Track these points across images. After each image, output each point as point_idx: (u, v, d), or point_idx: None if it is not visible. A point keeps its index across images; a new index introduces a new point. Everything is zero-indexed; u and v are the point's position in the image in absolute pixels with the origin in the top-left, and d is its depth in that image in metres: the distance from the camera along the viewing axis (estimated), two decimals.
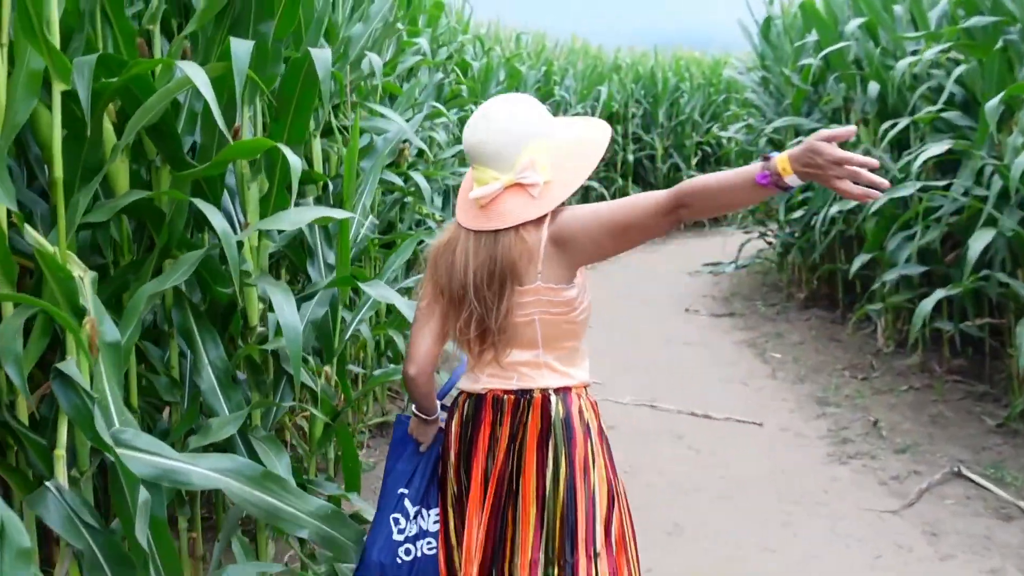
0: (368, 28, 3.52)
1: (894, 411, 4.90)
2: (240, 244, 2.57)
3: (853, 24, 5.92)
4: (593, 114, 12.26)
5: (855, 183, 1.56)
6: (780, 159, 1.59)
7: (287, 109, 2.50)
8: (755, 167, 1.63)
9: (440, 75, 6.27)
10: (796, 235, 7.56)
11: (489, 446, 1.87)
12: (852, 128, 1.60)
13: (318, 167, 3.51)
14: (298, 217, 2.26)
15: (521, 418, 1.85)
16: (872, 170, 1.55)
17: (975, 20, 4.54)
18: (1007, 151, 4.32)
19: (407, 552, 2.01)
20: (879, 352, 5.95)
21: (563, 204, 1.87)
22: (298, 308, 2.88)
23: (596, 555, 1.81)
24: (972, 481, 3.89)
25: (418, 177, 3.95)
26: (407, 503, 2.02)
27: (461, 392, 1.96)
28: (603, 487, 1.85)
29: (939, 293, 4.54)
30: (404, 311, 2.51)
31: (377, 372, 3.21)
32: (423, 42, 4.98)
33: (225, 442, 2.37)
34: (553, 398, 1.85)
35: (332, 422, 2.95)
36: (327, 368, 2.98)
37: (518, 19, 12.21)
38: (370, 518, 2.16)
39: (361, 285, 2.48)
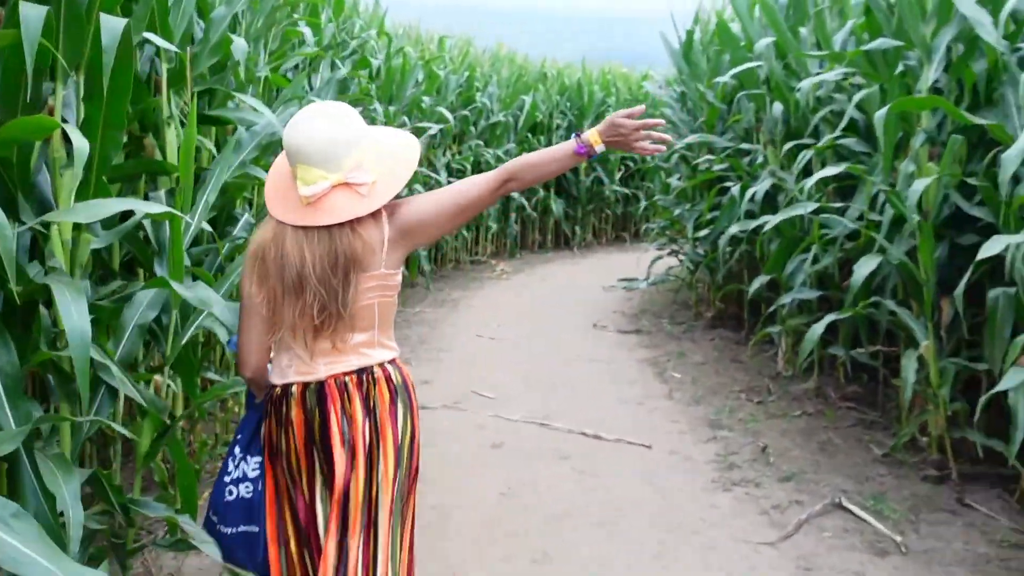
0: (231, 10, 3.26)
1: (785, 437, 4.81)
2: (44, 236, 2.30)
3: (762, 43, 5.87)
4: (516, 123, 12.13)
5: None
6: (591, 134, 2.08)
7: (98, 88, 2.23)
8: (571, 143, 2.09)
9: (342, 71, 6.02)
10: (704, 253, 7.50)
11: (342, 425, 2.01)
12: (642, 107, 2.16)
13: (172, 157, 3.24)
14: (96, 210, 1.99)
15: (369, 392, 2.03)
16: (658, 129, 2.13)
17: (877, 43, 4.49)
18: (900, 178, 4.28)
19: (230, 492, 2.15)
20: (778, 376, 5.90)
21: (396, 198, 2.04)
22: (122, 310, 2.62)
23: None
24: (852, 513, 3.80)
25: None
26: (237, 448, 2.17)
27: (294, 383, 2.04)
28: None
29: (829, 317, 4.47)
30: (221, 316, 2.28)
31: (221, 380, 2.94)
32: (307, 32, 4.72)
33: (9, 459, 2.09)
34: (390, 368, 2.07)
35: (160, 437, 2.68)
36: (157, 377, 2.71)
37: (445, 26, 12.02)
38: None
39: (176, 287, 2.22)
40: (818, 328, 4.43)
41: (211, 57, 3.25)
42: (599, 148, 2.06)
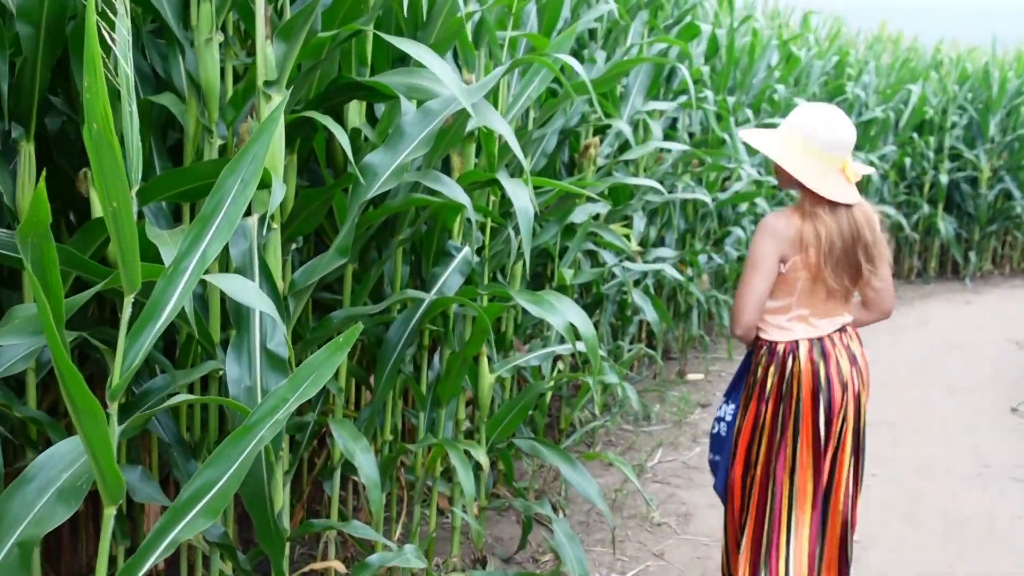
0: None
1: None
2: None
3: None
4: (897, 121, 9.55)
5: None
6: None
7: None
8: None
9: (657, 44, 4.32)
10: None
11: (839, 374, 2.40)
12: None
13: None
14: None
15: (849, 344, 2.44)
16: None
17: None
18: None
19: (713, 427, 2.65)
20: None
21: None
22: None
23: None
24: None
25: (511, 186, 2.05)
26: (723, 393, 2.68)
27: (801, 339, 2.42)
28: None
29: None
30: None
31: None
32: None
33: None
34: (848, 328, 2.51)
35: None
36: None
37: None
38: None
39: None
40: None
41: None
42: None
